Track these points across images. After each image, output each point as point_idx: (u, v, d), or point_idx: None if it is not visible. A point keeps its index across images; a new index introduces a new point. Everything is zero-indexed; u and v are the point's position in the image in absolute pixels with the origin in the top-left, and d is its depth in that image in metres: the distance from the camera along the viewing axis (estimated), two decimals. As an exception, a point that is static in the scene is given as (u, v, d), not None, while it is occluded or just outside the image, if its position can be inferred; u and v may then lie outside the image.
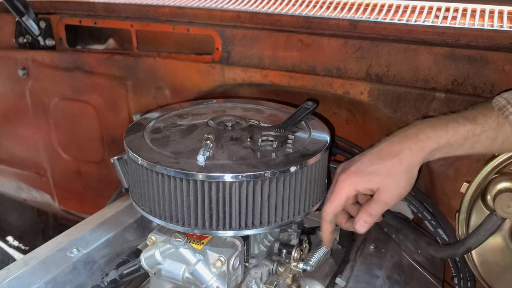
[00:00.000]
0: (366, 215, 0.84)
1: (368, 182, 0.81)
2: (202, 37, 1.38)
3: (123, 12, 1.44)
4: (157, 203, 0.83)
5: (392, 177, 0.79)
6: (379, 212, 0.84)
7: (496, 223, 0.80)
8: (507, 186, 0.80)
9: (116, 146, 1.57)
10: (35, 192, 1.92)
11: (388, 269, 0.94)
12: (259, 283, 0.89)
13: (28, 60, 1.60)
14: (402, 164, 0.79)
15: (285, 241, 1.02)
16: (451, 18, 1.13)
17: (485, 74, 1.02)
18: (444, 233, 1.01)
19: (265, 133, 0.89)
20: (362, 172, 0.81)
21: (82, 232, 0.93)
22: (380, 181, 0.80)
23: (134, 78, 1.44)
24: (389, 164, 0.79)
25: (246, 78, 1.27)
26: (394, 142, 0.80)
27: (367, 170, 0.81)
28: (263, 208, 0.81)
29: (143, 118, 1.02)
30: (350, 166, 0.84)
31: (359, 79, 1.15)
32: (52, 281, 0.81)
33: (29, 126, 1.73)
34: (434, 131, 0.78)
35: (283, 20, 1.23)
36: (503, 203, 0.78)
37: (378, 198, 0.82)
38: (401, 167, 0.79)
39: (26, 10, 1.50)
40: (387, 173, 0.79)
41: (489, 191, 0.82)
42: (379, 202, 0.82)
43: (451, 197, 1.05)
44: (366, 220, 0.84)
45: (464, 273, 1.00)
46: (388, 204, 0.82)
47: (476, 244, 0.83)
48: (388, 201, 0.82)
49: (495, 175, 0.81)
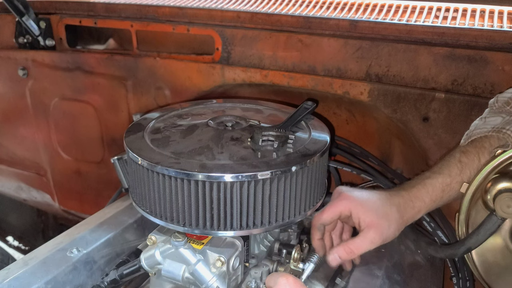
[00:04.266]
0: (345, 251, 0.85)
1: (365, 213, 0.84)
2: (202, 37, 1.38)
3: (123, 12, 1.44)
4: (157, 203, 0.83)
5: (387, 221, 0.84)
6: (360, 251, 0.84)
7: (496, 223, 0.80)
8: (507, 186, 0.80)
9: (116, 146, 1.57)
10: (35, 192, 1.92)
11: (388, 269, 0.94)
12: (259, 283, 0.89)
13: (28, 60, 1.60)
14: (398, 213, 0.85)
15: (285, 241, 1.02)
16: (451, 18, 1.13)
17: (485, 74, 1.03)
18: (443, 234, 1.01)
19: (265, 133, 0.89)
20: (363, 203, 0.86)
21: (82, 232, 0.93)
22: (375, 219, 0.84)
23: (134, 78, 1.44)
24: (387, 208, 0.85)
25: (246, 78, 1.27)
26: (392, 195, 0.87)
27: (368, 204, 0.86)
28: (264, 208, 0.81)
29: (143, 118, 1.01)
30: (356, 193, 0.89)
31: (359, 79, 1.15)
32: (52, 281, 0.81)
33: (29, 126, 1.73)
34: (418, 191, 0.87)
35: (283, 20, 1.23)
36: (503, 203, 0.78)
37: (366, 235, 0.84)
38: (396, 216, 0.85)
39: (26, 10, 1.50)
40: (384, 215, 0.84)
41: (489, 191, 0.82)
42: (365, 239, 0.84)
43: (451, 197, 1.05)
44: (342, 255, 0.85)
45: (463, 273, 1.00)
46: (372, 244, 0.84)
47: (476, 244, 0.83)
48: (374, 240, 0.83)
49: (495, 175, 0.81)
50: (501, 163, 0.80)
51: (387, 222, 0.84)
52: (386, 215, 0.84)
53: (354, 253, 0.84)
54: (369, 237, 0.83)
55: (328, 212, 0.87)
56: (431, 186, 0.87)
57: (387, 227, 0.84)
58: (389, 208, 0.85)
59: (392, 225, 0.84)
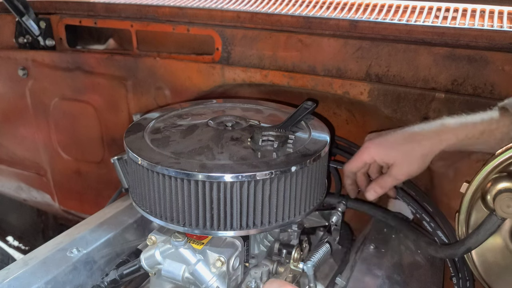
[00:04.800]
0: (377, 186, 0.98)
1: (386, 155, 0.94)
2: (202, 37, 1.38)
3: (123, 12, 1.44)
4: (157, 203, 0.83)
5: (408, 158, 0.92)
6: (389, 185, 0.97)
7: (496, 223, 0.80)
8: (507, 186, 0.80)
9: (116, 146, 1.57)
10: (35, 192, 1.92)
11: (388, 269, 0.94)
12: (259, 283, 0.89)
13: (28, 60, 1.60)
14: (419, 150, 0.90)
15: (285, 241, 1.02)
16: (451, 18, 1.13)
17: (485, 74, 1.03)
18: (443, 234, 1.01)
19: (265, 133, 0.89)
20: (385, 146, 0.94)
21: (82, 232, 0.93)
22: (396, 158, 0.92)
23: (134, 78, 1.44)
24: (409, 146, 0.91)
25: (246, 78, 1.27)
26: (418, 130, 0.92)
27: (389, 145, 0.94)
28: (264, 208, 0.81)
29: (143, 118, 1.01)
30: (377, 138, 0.97)
31: (359, 79, 1.15)
32: (52, 281, 0.81)
33: (29, 126, 1.73)
34: (455, 125, 0.89)
35: (283, 20, 1.23)
36: (503, 203, 0.78)
37: (390, 172, 0.94)
38: (418, 153, 0.90)
39: (26, 10, 1.50)
40: (405, 153, 0.92)
41: (489, 191, 0.82)
42: (390, 176, 0.95)
43: (451, 197, 1.05)
44: (377, 190, 0.98)
45: (463, 273, 1.00)
46: (397, 180, 0.95)
47: (476, 244, 0.83)
48: (398, 177, 0.94)
49: (495, 175, 0.81)
50: (501, 163, 0.80)
51: (408, 159, 0.91)
52: (406, 153, 0.91)
53: (384, 187, 0.97)
54: (392, 174, 0.94)
55: (353, 162, 0.99)
56: (472, 125, 0.87)
57: (409, 164, 0.92)
58: (410, 146, 0.91)
59: (414, 161, 0.91)
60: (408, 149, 0.91)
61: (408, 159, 0.92)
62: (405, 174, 0.94)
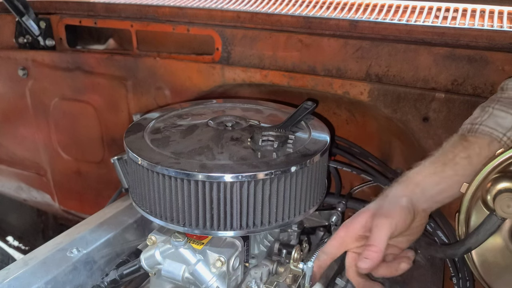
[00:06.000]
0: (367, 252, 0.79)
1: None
2: (202, 37, 1.38)
3: (123, 12, 1.44)
4: (157, 203, 0.83)
5: (389, 218, 0.79)
6: (379, 241, 0.78)
7: (496, 223, 0.80)
8: (507, 186, 0.79)
9: (116, 146, 1.57)
10: (35, 192, 1.92)
11: (388, 269, 0.94)
12: (259, 283, 0.89)
13: (28, 60, 1.60)
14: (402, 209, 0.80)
15: (285, 241, 1.02)
16: (451, 18, 1.13)
17: (485, 74, 1.02)
18: (443, 234, 1.01)
19: (265, 133, 0.89)
20: (354, 226, 0.80)
21: (82, 232, 0.93)
22: (375, 221, 0.79)
23: (134, 78, 1.44)
24: (384, 211, 0.80)
25: (246, 78, 1.27)
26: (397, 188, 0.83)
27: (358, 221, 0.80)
28: (264, 208, 0.81)
29: (143, 118, 1.02)
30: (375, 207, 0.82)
31: (359, 79, 1.15)
32: (52, 281, 0.81)
33: (29, 126, 1.73)
34: (417, 175, 0.84)
35: (283, 20, 1.23)
36: (503, 203, 0.78)
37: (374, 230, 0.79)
38: (402, 212, 0.80)
39: (26, 10, 1.50)
40: (386, 214, 0.79)
41: (489, 191, 0.82)
42: (376, 232, 0.79)
43: (451, 197, 1.05)
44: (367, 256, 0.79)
45: (463, 273, 1.00)
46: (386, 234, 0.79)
47: (476, 244, 0.83)
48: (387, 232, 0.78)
49: (495, 175, 0.81)
50: (501, 163, 0.80)
51: (390, 219, 0.78)
52: (387, 214, 0.79)
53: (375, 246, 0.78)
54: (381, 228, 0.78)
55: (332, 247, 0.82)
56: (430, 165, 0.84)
57: (390, 223, 0.78)
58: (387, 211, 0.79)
59: (397, 220, 0.78)
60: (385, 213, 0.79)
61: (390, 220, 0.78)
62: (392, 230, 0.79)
